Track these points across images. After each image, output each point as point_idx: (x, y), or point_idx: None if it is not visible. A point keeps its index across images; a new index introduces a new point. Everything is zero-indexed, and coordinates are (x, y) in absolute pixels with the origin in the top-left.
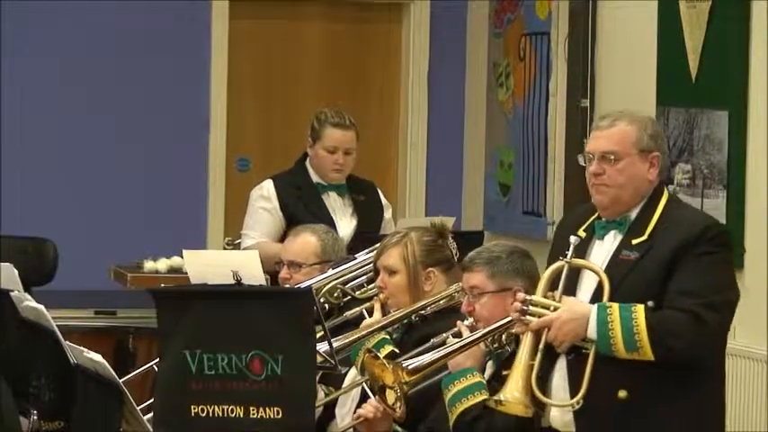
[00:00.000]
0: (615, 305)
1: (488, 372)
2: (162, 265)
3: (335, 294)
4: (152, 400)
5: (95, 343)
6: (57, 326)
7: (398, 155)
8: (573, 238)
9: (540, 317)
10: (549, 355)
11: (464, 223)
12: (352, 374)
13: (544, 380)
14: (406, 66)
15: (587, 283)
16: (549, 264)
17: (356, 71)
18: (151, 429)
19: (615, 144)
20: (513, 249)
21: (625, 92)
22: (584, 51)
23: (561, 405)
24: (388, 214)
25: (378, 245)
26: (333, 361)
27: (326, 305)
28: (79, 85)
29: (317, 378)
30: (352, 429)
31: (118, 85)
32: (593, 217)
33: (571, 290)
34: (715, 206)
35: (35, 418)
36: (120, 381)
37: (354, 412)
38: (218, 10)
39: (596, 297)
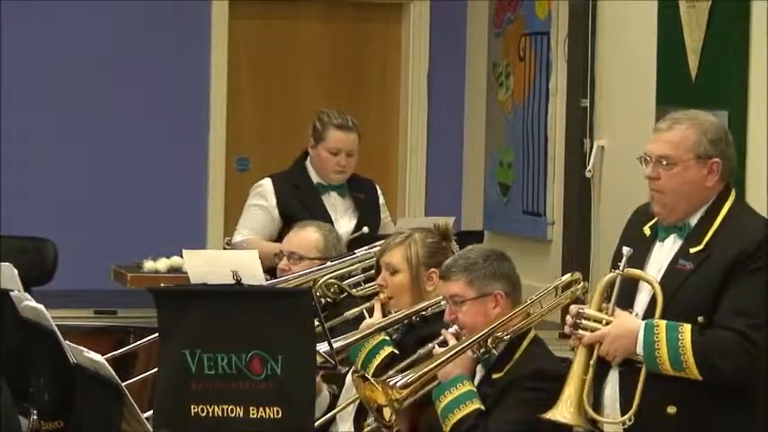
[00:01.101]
0: (663, 324)
1: (478, 377)
2: (162, 264)
3: (332, 290)
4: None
5: (95, 343)
6: (56, 326)
7: (398, 154)
8: (625, 249)
9: (592, 330)
10: (602, 367)
11: (464, 223)
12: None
13: (596, 391)
14: (405, 66)
15: (644, 293)
16: (619, 249)
17: (356, 71)
18: (151, 429)
19: (671, 148)
20: (489, 253)
21: (625, 92)
22: (584, 51)
23: (613, 422)
24: (386, 214)
25: (377, 244)
26: (333, 361)
27: (322, 299)
28: (79, 85)
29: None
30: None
31: (118, 85)
32: None
33: (629, 298)
34: None
35: (35, 417)
36: (123, 384)
37: (355, 414)
38: (217, 10)
39: (651, 308)
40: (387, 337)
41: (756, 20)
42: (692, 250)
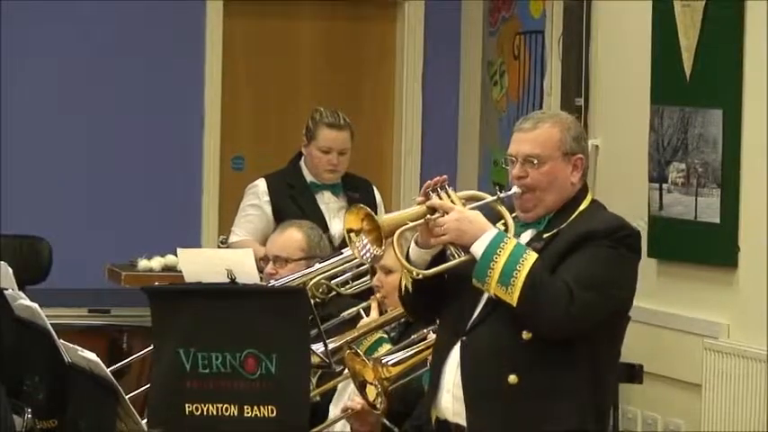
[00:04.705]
0: (514, 240)
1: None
2: (156, 263)
3: (321, 290)
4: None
5: (89, 341)
6: (51, 324)
7: (393, 153)
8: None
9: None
10: (446, 343)
11: None
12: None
13: (438, 367)
14: (400, 65)
15: None
16: None
17: (351, 70)
18: (146, 428)
19: (538, 147)
20: None
21: (619, 91)
22: (579, 50)
23: (411, 270)
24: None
25: None
26: (328, 360)
27: (311, 300)
28: (77, 85)
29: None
30: (341, 422)
31: (114, 85)
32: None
33: None
34: (709, 205)
35: (29, 416)
36: (110, 369)
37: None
38: (212, 9)
39: None
40: (384, 335)
41: (750, 19)
42: (546, 235)
